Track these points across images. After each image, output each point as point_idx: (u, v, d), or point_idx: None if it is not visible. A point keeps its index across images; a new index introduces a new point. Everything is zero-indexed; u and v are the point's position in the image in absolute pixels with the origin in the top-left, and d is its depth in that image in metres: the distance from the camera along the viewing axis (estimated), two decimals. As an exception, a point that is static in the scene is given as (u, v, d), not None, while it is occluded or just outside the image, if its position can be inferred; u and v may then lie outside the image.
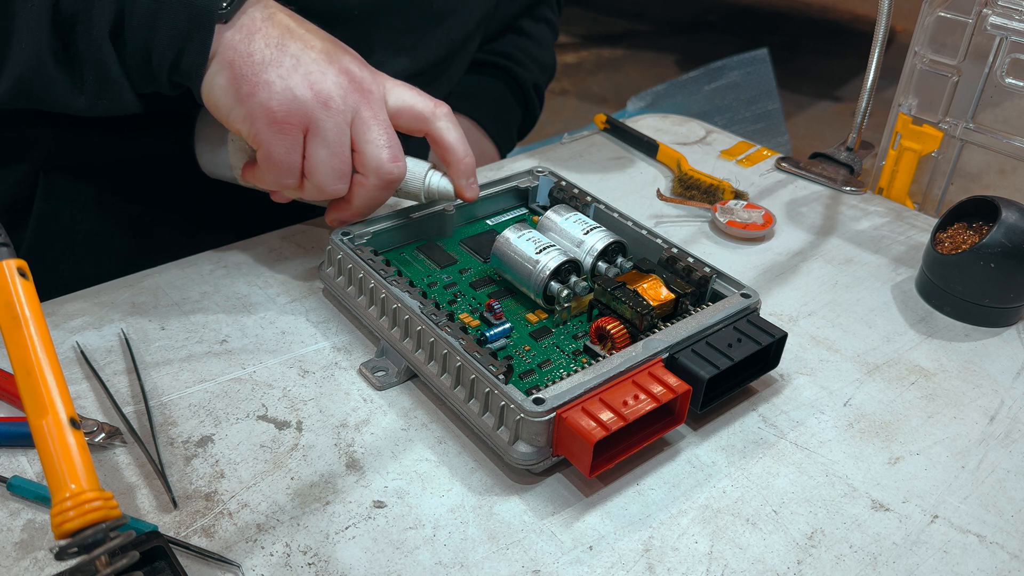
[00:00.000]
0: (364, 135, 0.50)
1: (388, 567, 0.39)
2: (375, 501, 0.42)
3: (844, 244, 0.65)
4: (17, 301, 0.32)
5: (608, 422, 0.41)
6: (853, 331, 0.56)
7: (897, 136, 0.75)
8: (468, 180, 0.55)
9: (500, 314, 0.50)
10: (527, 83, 0.85)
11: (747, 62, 1.73)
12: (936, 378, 0.52)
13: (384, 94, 0.52)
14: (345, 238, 0.53)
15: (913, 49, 0.72)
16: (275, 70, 0.48)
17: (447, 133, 0.53)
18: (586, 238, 0.53)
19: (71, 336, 0.51)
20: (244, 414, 0.47)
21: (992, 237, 0.54)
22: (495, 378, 0.43)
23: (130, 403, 0.47)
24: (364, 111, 0.50)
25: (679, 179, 0.71)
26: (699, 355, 0.46)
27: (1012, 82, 0.68)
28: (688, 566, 0.40)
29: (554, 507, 0.43)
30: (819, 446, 0.47)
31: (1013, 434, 0.48)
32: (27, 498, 0.41)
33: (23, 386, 0.32)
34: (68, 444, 0.31)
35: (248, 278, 0.58)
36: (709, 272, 0.52)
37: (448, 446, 0.46)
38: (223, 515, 0.41)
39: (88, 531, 0.31)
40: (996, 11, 0.67)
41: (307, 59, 0.49)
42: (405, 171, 0.52)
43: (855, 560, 0.41)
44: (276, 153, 0.49)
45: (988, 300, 0.56)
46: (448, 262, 0.56)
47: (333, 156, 0.49)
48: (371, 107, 0.50)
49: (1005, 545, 0.42)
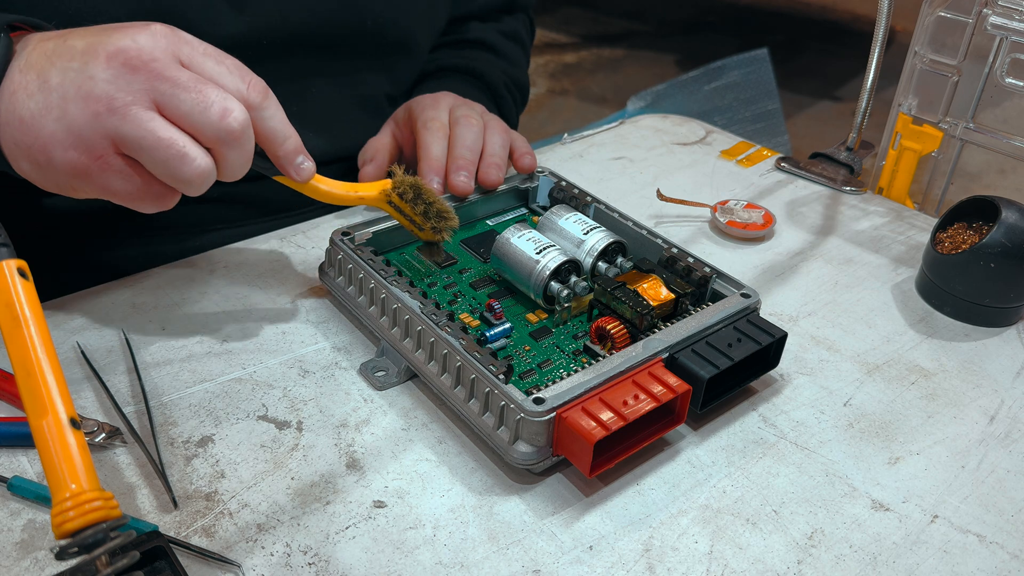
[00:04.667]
0: (176, 108, 0.42)
1: (388, 567, 0.39)
2: (375, 501, 0.42)
3: (844, 244, 0.66)
4: (17, 301, 0.32)
5: (608, 422, 0.41)
6: (853, 331, 0.56)
7: (897, 136, 0.75)
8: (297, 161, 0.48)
9: (500, 314, 0.50)
10: (496, 83, 0.78)
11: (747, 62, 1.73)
12: (936, 378, 0.52)
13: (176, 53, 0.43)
14: (345, 238, 0.53)
15: (913, 49, 0.72)
16: (48, 118, 0.42)
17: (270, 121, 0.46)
18: (586, 238, 0.53)
19: (71, 336, 0.51)
20: (244, 414, 0.47)
21: (992, 237, 0.54)
22: (495, 378, 0.43)
23: (130, 403, 0.47)
24: (159, 84, 0.42)
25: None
26: (699, 355, 0.46)
27: (1012, 82, 0.68)
28: (688, 566, 0.40)
29: (554, 507, 0.43)
30: (819, 446, 0.47)
31: (1013, 434, 0.48)
32: (27, 498, 0.41)
33: (23, 386, 0.32)
34: (68, 444, 0.31)
35: (248, 278, 0.58)
36: (709, 272, 0.52)
37: (448, 446, 0.46)
38: (223, 515, 0.41)
39: (88, 531, 0.31)
40: (996, 11, 0.67)
41: (71, 77, 0.42)
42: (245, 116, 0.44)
43: (855, 560, 0.41)
44: (119, 190, 0.44)
45: (988, 300, 0.56)
46: (448, 262, 0.56)
47: (159, 149, 0.42)
48: (163, 76, 0.42)
49: (1005, 545, 0.42)
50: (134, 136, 0.42)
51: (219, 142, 0.44)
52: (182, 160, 0.43)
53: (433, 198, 0.52)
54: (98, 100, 0.41)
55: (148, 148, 0.42)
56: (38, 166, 0.43)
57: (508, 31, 0.82)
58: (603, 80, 2.79)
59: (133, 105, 0.41)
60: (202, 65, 0.44)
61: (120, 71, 0.41)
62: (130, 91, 0.42)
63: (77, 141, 0.42)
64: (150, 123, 0.42)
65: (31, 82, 0.42)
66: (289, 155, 0.48)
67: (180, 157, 0.43)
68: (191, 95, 0.42)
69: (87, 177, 0.43)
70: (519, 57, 0.83)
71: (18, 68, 0.43)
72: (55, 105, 0.42)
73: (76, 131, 0.42)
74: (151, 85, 0.42)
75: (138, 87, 0.42)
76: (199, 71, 0.44)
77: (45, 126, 0.42)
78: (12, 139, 0.43)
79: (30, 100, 0.42)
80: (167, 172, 0.43)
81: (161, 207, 0.45)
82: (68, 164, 0.42)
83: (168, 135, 0.42)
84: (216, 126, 0.43)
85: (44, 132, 0.42)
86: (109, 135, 0.42)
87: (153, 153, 0.42)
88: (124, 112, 0.41)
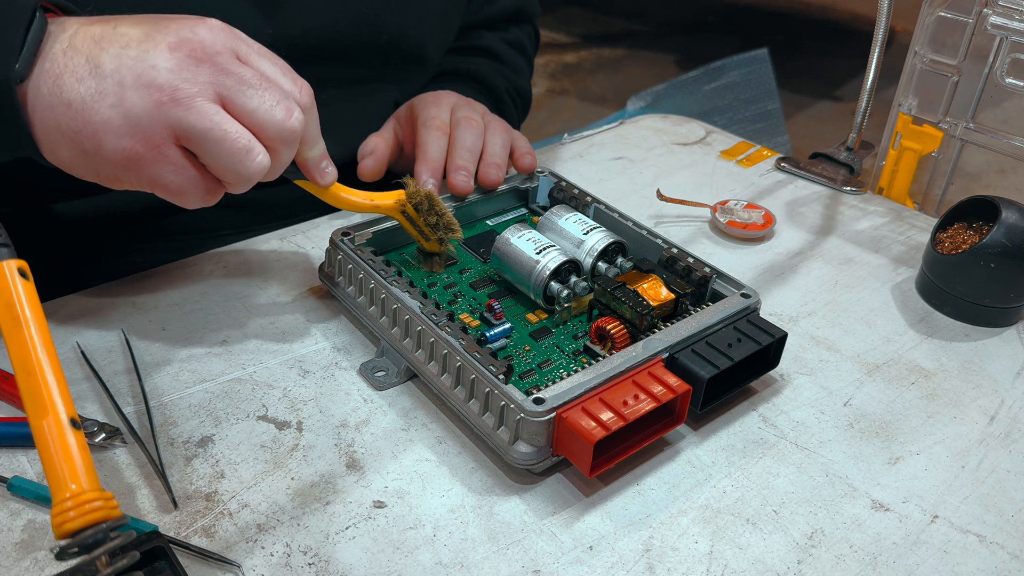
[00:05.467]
0: (243, 104, 0.42)
1: (388, 567, 0.39)
2: (375, 501, 0.42)
3: (844, 244, 0.66)
4: (18, 301, 0.32)
5: (608, 422, 0.41)
6: (853, 331, 0.56)
7: (897, 136, 0.75)
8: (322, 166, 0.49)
9: (500, 314, 0.50)
10: (498, 88, 0.78)
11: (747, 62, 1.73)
12: (936, 378, 0.52)
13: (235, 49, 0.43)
14: (345, 238, 0.53)
15: (913, 49, 0.72)
16: (103, 104, 0.40)
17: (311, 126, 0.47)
18: (586, 238, 0.53)
19: (71, 336, 0.51)
20: (244, 414, 0.47)
21: (992, 237, 0.54)
22: (495, 378, 0.43)
23: (130, 403, 0.47)
24: (225, 79, 0.42)
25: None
26: (699, 355, 0.46)
27: (1012, 82, 0.68)
28: (688, 566, 0.40)
29: (554, 507, 0.43)
30: (819, 446, 0.47)
31: (1013, 434, 0.48)
32: (27, 498, 0.41)
33: (23, 386, 0.32)
34: (68, 444, 0.31)
35: (248, 278, 0.58)
36: (709, 272, 0.52)
37: (448, 446, 0.46)
38: (223, 515, 0.41)
39: (88, 531, 0.31)
40: (996, 11, 0.67)
41: (128, 65, 0.41)
42: (303, 118, 0.45)
43: (855, 560, 0.41)
44: (171, 183, 0.43)
45: (988, 300, 0.56)
46: (448, 262, 0.56)
47: (225, 143, 0.42)
48: (228, 71, 0.42)
49: (1005, 545, 0.42)
50: (200, 128, 0.41)
51: (279, 141, 0.44)
52: (247, 155, 0.42)
53: (444, 210, 0.53)
54: (161, 89, 0.40)
55: (213, 141, 0.41)
56: (83, 153, 0.41)
57: (512, 40, 0.82)
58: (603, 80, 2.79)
59: (199, 97, 0.41)
60: (258, 63, 0.44)
61: (185, 61, 0.41)
62: (196, 82, 0.41)
63: (134, 129, 0.40)
64: (216, 116, 0.41)
65: (79, 66, 0.41)
66: (317, 159, 0.48)
67: (246, 152, 0.42)
68: (257, 93, 0.42)
69: (137, 167, 0.42)
70: (522, 66, 0.83)
71: (61, 50, 0.41)
72: (110, 91, 0.40)
73: (134, 119, 0.40)
74: (216, 78, 0.41)
75: (204, 79, 0.41)
76: (256, 68, 0.43)
77: (98, 112, 0.40)
78: (55, 124, 0.41)
79: (80, 84, 0.40)
80: (228, 166, 0.42)
81: (205, 203, 0.45)
82: (120, 152, 0.41)
83: (234, 128, 0.42)
84: (280, 125, 0.43)
85: (96, 118, 0.40)
86: (171, 125, 0.41)
87: (218, 146, 0.41)
88: (190, 103, 0.41)
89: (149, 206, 0.63)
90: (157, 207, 0.64)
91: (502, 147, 0.62)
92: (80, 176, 0.44)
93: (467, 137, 0.61)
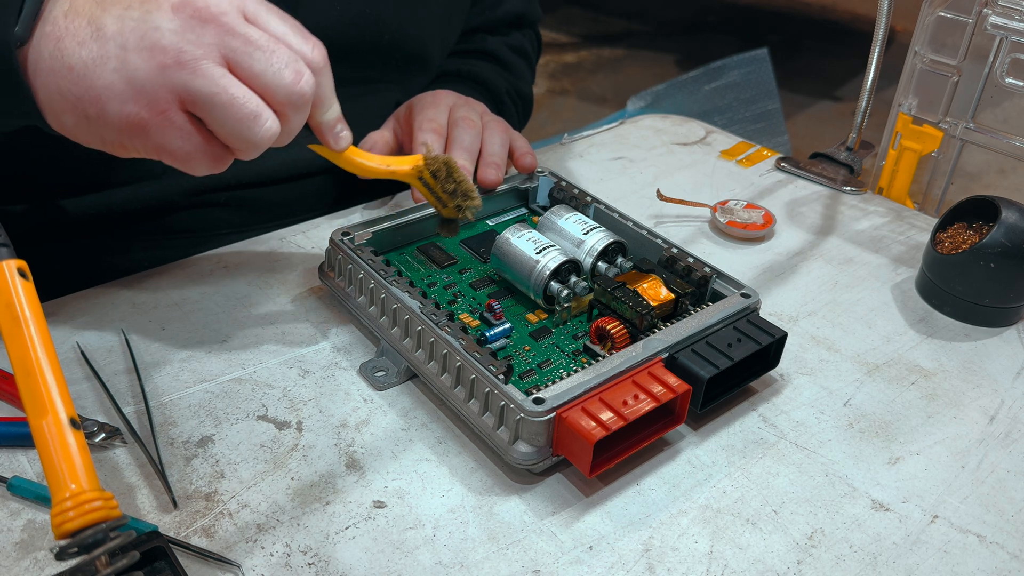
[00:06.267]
0: (250, 67, 0.40)
1: (388, 567, 0.39)
2: (375, 501, 0.42)
3: (844, 244, 0.65)
4: (17, 301, 0.32)
5: (608, 422, 0.41)
6: (853, 331, 0.56)
7: (897, 136, 0.75)
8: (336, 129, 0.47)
9: (500, 314, 0.50)
10: (499, 89, 0.77)
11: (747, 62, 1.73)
12: (936, 378, 0.52)
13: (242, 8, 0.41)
14: (345, 238, 0.53)
15: (913, 49, 0.72)
16: (105, 68, 0.39)
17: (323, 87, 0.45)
18: (586, 238, 0.53)
19: (71, 336, 0.51)
20: (244, 414, 0.47)
21: (992, 237, 0.54)
22: (495, 378, 0.43)
23: (130, 403, 0.47)
24: (231, 40, 0.40)
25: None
26: (699, 355, 0.46)
27: (1012, 82, 0.68)
28: (688, 566, 0.40)
29: (554, 507, 0.43)
30: (819, 446, 0.47)
31: (1013, 434, 0.48)
32: (27, 498, 0.41)
33: (23, 386, 0.32)
34: (68, 444, 0.31)
35: (248, 278, 0.58)
36: (709, 272, 0.52)
37: (448, 446, 0.46)
38: (223, 515, 0.41)
39: (88, 531, 0.31)
40: (996, 11, 0.67)
41: (131, 26, 0.39)
42: (314, 80, 0.43)
43: (855, 560, 0.41)
44: (177, 149, 0.41)
45: (988, 300, 0.56)
46: (448, 262, 0.56)
47: (232, 108, 0.40)
48: (234, 32, 0.40)
49: (1005, 545, 0.42)
50: (206, 92, 0.39)
51: (288, 105, 0.42)
52: (255, 120, 0.41)
53: (462, 177, 0.52)
54: (165, 52, 0.39)
55: (220, 106, 0.40)
56: (87, 119, 0.40)
57: (514, 45, 0.82)
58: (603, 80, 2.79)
59: (204, 59, 0.39)
60: (267, 22, 0.42)
61: (189, 23, 0.39)
62: (200, 44, 0.39)
63: (138, 94, 0.39)
64: (222, 79, 0.40)
65: (81, 28, 0.39)
66: (331, 122, 0.47)
67: (253, 117, 0.41)
68: (265, 55, 0.41)
69: (143, 133, 0.40)
70: (523, 70, 0.83)
71: (62, 13, 0.40)
72: (112, 55, 0.39)
73: (138, 84, 0.39)
74: (222, 40, 0.40)
75: (208, 41, 0.39)
76: (265, 28, 0.42)
77: (100, 76, 0.39)
78: (57, 89, 0.40)
79: (81, 48, 0.39)
80: (236, 132, 0.41)
81: (213, 170, 0.43)
82: (124, 118, 0.40)
83: (241, 93, 0.40)
84: (289, 88, 0.41)
85: (99, 83, 0.39)
86: (176, 90, 0.39)
87: (225, 111, 0.40)
88: (195, 66, 0.39)
89: (149, 204, 0.63)
90: (158, 205, 0.64)
91: (501, 146, 0.62)
92: (86, 144, 0.42)
93: (464, 137, 0.61)
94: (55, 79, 0.40)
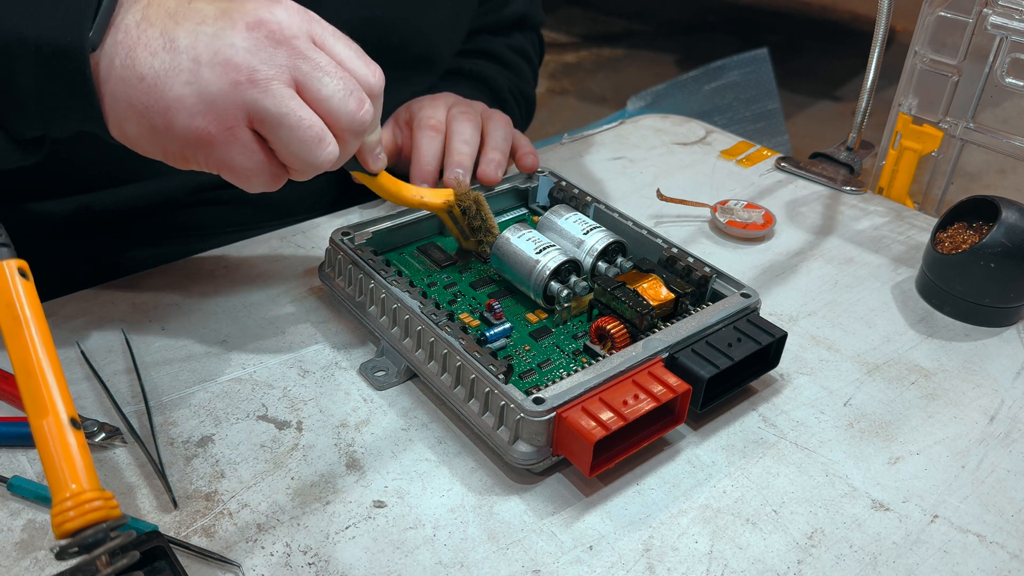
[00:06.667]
0: (318, 91, 0.41)
1: (388, 567, 0.39)
2: (375, 501, 0.42)
3: (844, 244, 0.65)
4: (18, 301, 0.32)
5: (608, 422, 0.41)
6: (853, 331, 0.56)
7: (897, 136, 0.75)
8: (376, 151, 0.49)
9: (500, 314, 0.50)
10: (501, 88, 0.78)
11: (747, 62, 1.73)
12: (936, 378, 0.52)
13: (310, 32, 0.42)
14: (345, 238, 0.53)
15: (913, 49, 0.72)
16: (177, 80, 0.39)
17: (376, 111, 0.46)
18: (586, 238, 0.53)
19: (71, 336, 0.51)
20: (244, 414, 0.47)
21: (992, 237, 0.54)
22: (495, 378, 0.43)
23: (130, 403, 0.47)
24: (301, 63, 0.41)
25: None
26: (699, 355, 0.46)
27: (1012, 82, 0.68)
28: (688, 566, 0.40)
29: (554, 507, 0.43)
30: (819, 446, 0.47)
31: (1013, 434, 0.48)
32: (27, 498, 0.41)
33: (23, 386, 0.32)
34: (68, 444, 0.31)
35: (248, 278, 0.58)
36: (709, 272, 0.52)
37: (448, 446, 0.46)
38: (223, 515, 0.41)
39: (88, 531, 0.31)
40: (996, 11, 0.67)
41: (205, 41, 0.39)
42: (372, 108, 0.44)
43: (855, 560, 0.41)
44: (239, 165, 0.42)
45: (988, 300, 0.56)
46: (448, 262, 0.56)
47: (299, 130, 0.41)
48: (305, 56, 0.41)
49: (1005, 545, 0.42)
50: (275, 112, 0.40)
51: (349, 131, 0.43)
52: (319, 144, 0.42)
53: (488, 214, 0.54)
54: (238, 69, 0.39)
55: (287, 127, 0.41)
56: (152, 130, 0.40)
57: (517, 46, 0.82)
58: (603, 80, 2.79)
59: (275, 80, 0.40)
60: (333, 46, 0.43)
61: (263, 43, 0.40)
62: (273, 65, 0.40)
63: (208, 108, 0.40)
64: (291, 101, 0.40)
65: (153, 39, 0.39)
66: (373, 144, 0.48)
67: (318, 140, 0.42)
68: (332, 80, 0.41)
69: (208, 148, 0.41)
70: (526, 71, 0.83)
71: (134, 22, 0.40)
72: (185, 67, 0.39)
73: (208, 98, 0.39)
74: (293, 63, 0.40)
75: (281, 62, 0.40)
76: (331, 52, 0.43)
77: (172, 88, 0.39)
78: (126, 98, 0.40)
79: (153, 58, 0.39)
80: (299, 154, 0.42)
81: (269, 188, 0.44)
82: (191, 131, 0.40)
83: (308, 116, 0.41)
84: (352, 115, 0.42)
85: (169, 94, 0.39)
86: (245, 107, 0.40)
87: (291, 132, 0.41)
88: (266, 86, 0.40)
89: (153, 201, 0.63)
90: (161, 202, 0.64)
91: (504, 140, 0.62)
92: (145, 154, 0.43)
93: (464, 131, 0.60)
94: (124, 88, 0.40)
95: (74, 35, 0.39)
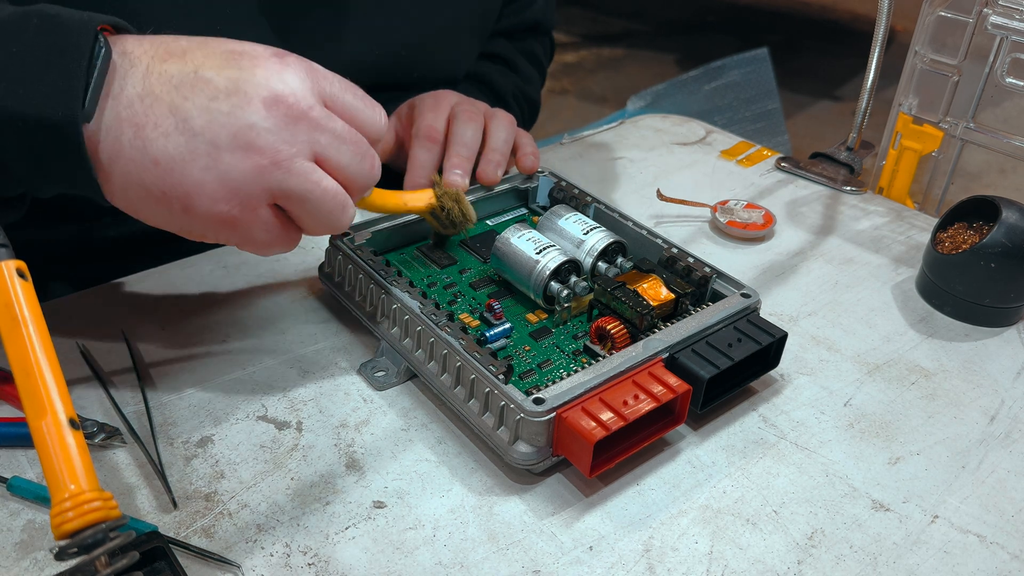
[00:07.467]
0: (338, 161, 0.41)
1: (388, 567, 0.39)
2: (375, 501, 0.42)
3: (844, 244, 0.65)
4: (16, 302, 0.32)
5: (608, 422, 0.41)
6: (853, 331, 0.56)
7: (897, 136, 0.75)
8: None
9: (500, 314, 0.50)
10: (505, 91, 0.78)
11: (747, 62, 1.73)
12: (936, 378, 0.52)
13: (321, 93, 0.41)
14: (345, 239, 0.53)
15: (913, 49, 0.72)
16: (195, 166, 0.37)
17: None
18: (586, 238, 0.53)
19: (71, 336, 0.51)
20: (244, 414, 0.47)
21: (992, 237, 0.54)
22: (495, 378, 0.43)
23: (130, 403, 0.47)
24: (320, 136, 0.40)
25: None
26: (699, 355, 0.46)
27: (1012, 82, 0.68)
28: (688, 566, 0.40)
29: (554, 507, 0.43)
30: (819, 446, 0.47)
31: (1013, 434, 0.48)
32: (27, 498, 0.41)
33: (22, 387, 0.32)
34: (67, 445, 0.31)
35: (248, 278, 0.58)
36: (709, 272, 0.52)
37: (448, 446, 0.46)
38: (223, 515, 0.41)
39: (88, 531, 0.31)
40: (996, 11, 0.67)
41: (221, 121, 0.37)
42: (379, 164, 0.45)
43: (855, 560, 0.41)
44: (259, 239, 0.41)
45: (988, 300, 0.56)
46: (448, 262, 0.56)
47: (325, 201, 0.41)
48: (323, 127, 0.40)
49: (1005, 545, 0.42)
50: (300, 191, 0.40)
51: (363, 189, 0.44)
52: (343, 211, 0.42)
53: (467, 207, 0.54)
54: (262, 153, 0.38)
55: (313, 200, 0.40)
56: (170, 213, 0.39)
57: (526, 50, 0.82)
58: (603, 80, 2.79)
59: (296, 158, 0.39)
60: (343, 102, 0.42)
61: (283, 121, 0.38)
62: (295, 143, 0.39)
63: (231, 194, 0.38)
64: (314, 175, 0.40)
65: (162, 117, 0.37)
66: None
67: (342, 208, 0.42)
68: (350, 147, 0.41)
69: (231, 229, 0.40)
70: (533, 75, 0.83)
71: (137, 95, 0.37)
72: (202, 152, 0.37)
73: (232, 184, 0.38)
74: (312, 136, 0.39)
75: (302, 139, 0.39)
76: (341, 110, 0.42)
77: (190, 174, 0.38)
78: (140, 181, 0.38)
79: (167, 141, 0.37)
80: (325, 223, 0.42)
81: (285, 251, 0.44)
82: (213, 216, 0.39)
83: (331, 186, 0.41)
84: (367, 176, 0.43)
85: (187, 180, 0.38)
86: (270, 189, 0.39)
87: (317, 205, 0.41)
88: (289, 166, 0.39)
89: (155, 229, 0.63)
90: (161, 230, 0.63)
91: (505, 141, 0.61)
92: (156, 226, 0.41)
93: (466, 131, 0.60)
94: (138, 170, 0.38)
95: (65, 108, 0.36)
